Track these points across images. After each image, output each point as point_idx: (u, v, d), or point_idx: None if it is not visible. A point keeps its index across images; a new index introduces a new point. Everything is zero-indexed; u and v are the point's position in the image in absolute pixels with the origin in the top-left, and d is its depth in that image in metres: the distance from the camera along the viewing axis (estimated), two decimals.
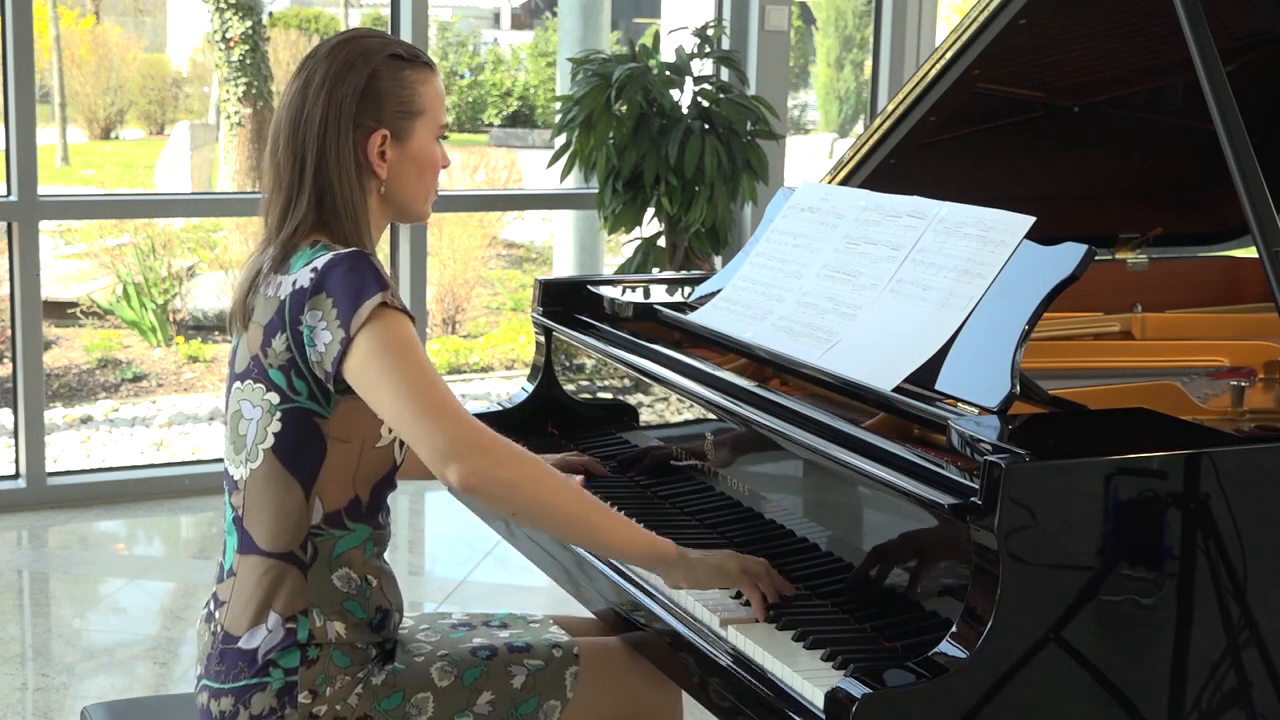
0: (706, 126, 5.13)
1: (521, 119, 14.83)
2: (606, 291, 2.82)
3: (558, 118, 5.25)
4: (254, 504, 2.00)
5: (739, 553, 2.06)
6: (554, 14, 15.17)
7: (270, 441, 1.97)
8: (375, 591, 2.02)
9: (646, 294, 2.88)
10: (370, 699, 1.99)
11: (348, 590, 2.00)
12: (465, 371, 8.31)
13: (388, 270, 1.99)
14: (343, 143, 2.01)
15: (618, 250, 7.33)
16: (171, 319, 8.55)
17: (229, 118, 11.39)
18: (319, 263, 1.95)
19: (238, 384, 2.03)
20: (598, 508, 2.00)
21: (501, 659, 2.08)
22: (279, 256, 2.00)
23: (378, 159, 2.04)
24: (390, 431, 2.00)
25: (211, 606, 2.06)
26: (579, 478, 2.38)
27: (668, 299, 2.79)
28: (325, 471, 1.97)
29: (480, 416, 2.82)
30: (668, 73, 5.18)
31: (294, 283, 1.96)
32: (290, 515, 1.98)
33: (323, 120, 2.00)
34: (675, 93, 5.21)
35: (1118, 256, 3.06)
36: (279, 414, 1.97)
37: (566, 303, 2.85)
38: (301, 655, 1.96)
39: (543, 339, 2.88)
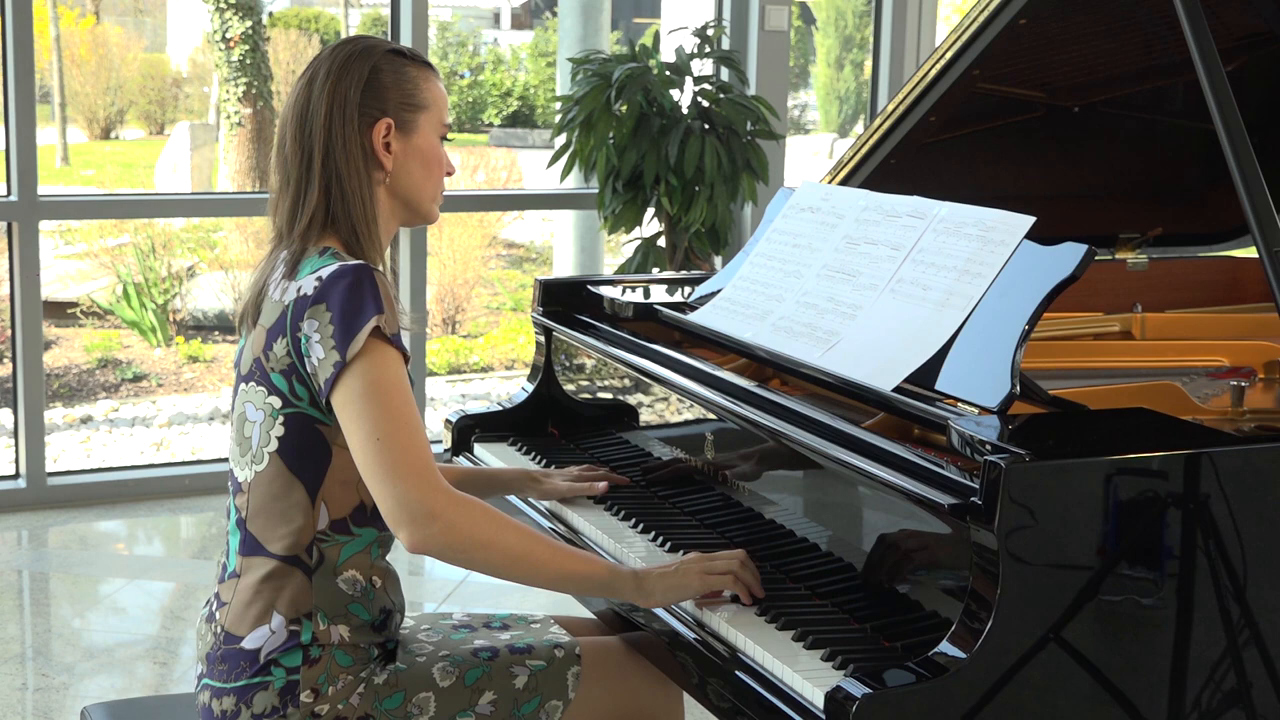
0: (706, 126, 5.12)
1: (521, 119, 14.83)
2: (606, 291, 2.82)
3: (558, 118, 5.25)
4: (259, 506, 2.00)
5: (708, 554, 2.03)
6: (554, 14, 15.17)
7: (274, 445, 1.98)
8: (379, 593, 2.03)
9: (646, 294, 2.88)
10: (372, 698, 1.99)
11: (353, 593, 2.00)
12: (465, 371, 8.31)
13: (391, 278, 2.01)
14: (349, 132, 2.04)
15: (618, 250, 7.33)
16: (171, 319, 8.55)
17: (229, 118, 11.39)
18: (324, 272, 1.96)
19: (243, 385, 2.04)
20: (550, 558, 1.97)
21: (503, 660, 2.08)
22: (291, 261, 2.02)
23: (383, 149, 2.06)
24: None
25: (213, 606, 2.06)
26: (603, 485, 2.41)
27: (668, 299, 2.79)
28: (330, 476, 1.98)
29: (480, 416, 2.83)
30: (668, 73, 5.18)
31: (299, 289, 1.97)
32: (295, 520, 1.98)
33: (328, 112, 2.04)
34: (675, 93, 5.21)
35: (1118, 256, 3.06)
36: (281, 418, 1.97)
37: (566, 303, 2.85)
38: (304, 655, 1.97)
39: (543, 339, 2.88)
